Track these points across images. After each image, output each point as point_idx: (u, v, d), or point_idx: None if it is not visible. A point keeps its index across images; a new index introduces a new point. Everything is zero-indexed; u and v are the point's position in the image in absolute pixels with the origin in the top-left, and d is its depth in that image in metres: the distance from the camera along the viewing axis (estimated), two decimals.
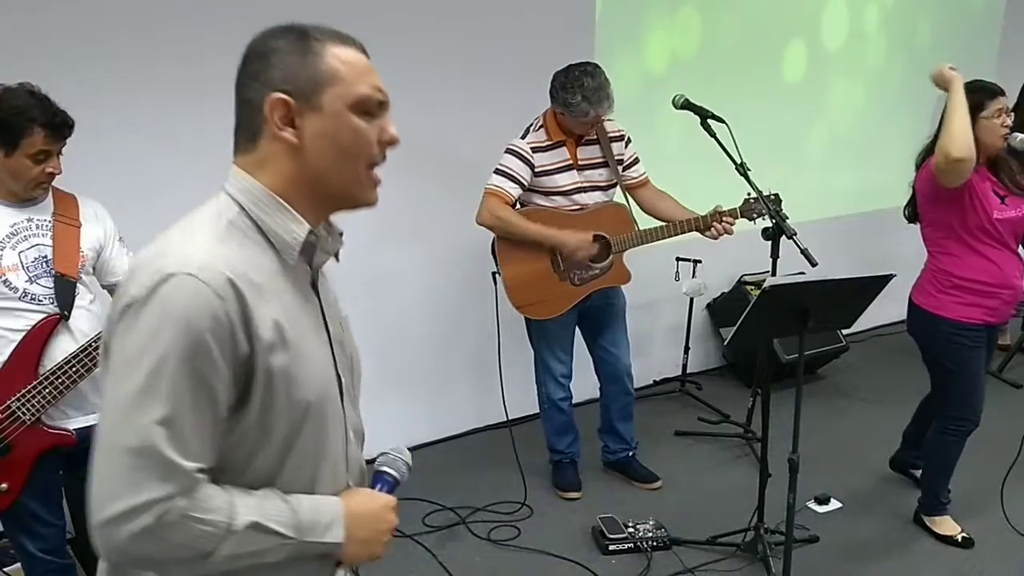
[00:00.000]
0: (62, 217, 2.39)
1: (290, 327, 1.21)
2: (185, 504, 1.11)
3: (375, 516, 1.32)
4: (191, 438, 1.12)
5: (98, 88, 3.05)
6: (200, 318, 1.11)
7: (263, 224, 1.23)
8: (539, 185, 3.47)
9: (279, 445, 1.21)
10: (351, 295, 4.15)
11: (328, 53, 1.22)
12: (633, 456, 3.91)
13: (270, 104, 1.19)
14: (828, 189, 5.50)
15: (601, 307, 3.68)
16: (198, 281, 1.11)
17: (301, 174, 1.23)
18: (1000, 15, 6.16)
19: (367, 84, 1.24)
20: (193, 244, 1.16)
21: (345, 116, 1.22)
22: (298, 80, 1.20)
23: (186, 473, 1.11)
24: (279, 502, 1.21)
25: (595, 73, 3.36)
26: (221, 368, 1.13)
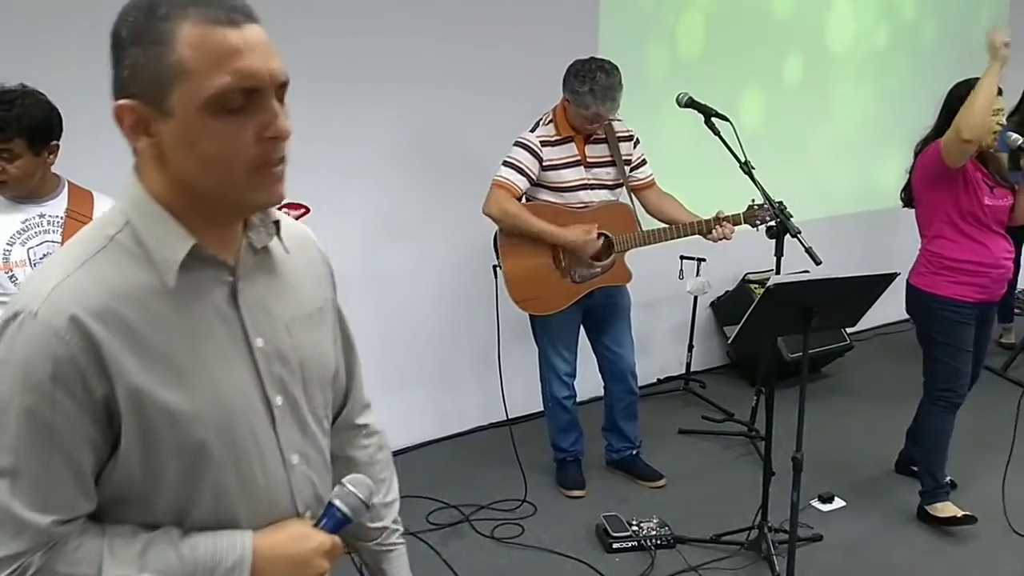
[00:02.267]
0: (75, 213, 2.40)
1: (175, 359, 1.07)
2: (45, 560, 1.04)
3: (297, 560, 1.15)
4: (45, 490, 1.03)
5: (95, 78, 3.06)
6: (39, 363, 1.00)
7: (144, 239, 1.07)
8: (545, 180, 3.47)
9: (176, 486, 1.09)
10: (353, 292, 4.16)
11: (177, 37, 0.99)
12: (637, 455, 3.91)
13: (116, 112, 1.03)
14: (832, 187, 5.50)
15: (605, 306, 3.68)
16: (38, 322, 1.01)
17: (174, 184, 1.07)
18: (1004, 17, 6.15)
19: (225, 73, 1.00)
20: (53, 273, 1.05)
21: (199, 120, 1.01)
22: (142, 80, 1.01)
23: (40, 528, 1.03)
24: (166, 548, 1.08)
25: (611, 72, 3.36)
26: (72, 413, 1.02)
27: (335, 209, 3.61)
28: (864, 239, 5.54)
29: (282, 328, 1.19)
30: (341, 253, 4.19)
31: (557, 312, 3.56)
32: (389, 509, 1.49)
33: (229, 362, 1.13)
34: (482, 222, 3.49)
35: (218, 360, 1.11)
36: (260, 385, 1.15)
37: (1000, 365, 5.13)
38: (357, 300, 3.85)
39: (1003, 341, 5.57)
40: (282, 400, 1.18)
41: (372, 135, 3.73)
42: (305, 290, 1.26)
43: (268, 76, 1.03)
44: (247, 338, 1.14)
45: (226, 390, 1.12)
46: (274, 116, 1.04)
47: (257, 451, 1.15)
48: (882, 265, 2.99)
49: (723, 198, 3.44)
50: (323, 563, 1.17)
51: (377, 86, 3.69)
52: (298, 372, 1.21)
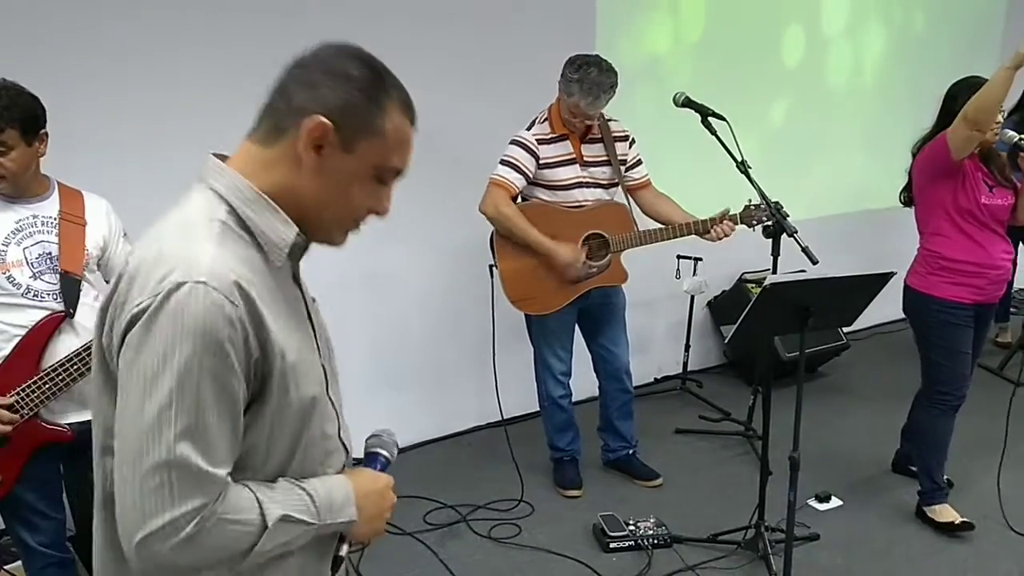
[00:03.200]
0: (68, 215, 2.40)
1: (286, 325, 1.23)
2: (220, 509, 1.14)
3: (379, 494, 1.37)
4: (218, 445, 1.14)
5: (103, 81, 3.05)
6: (217, 326, 1.11)
7: (252, 224, 1.22)
8: (541, 178, 3.47)
9: (290, 438, 1.25)
10: (349, 292, 4.18)
11: (389, 113, 1.22)
12: (633, 454, 3.92)
13: (314, 123, 1.18)
14: (829, 187, 5.50)
15: (600, 305, 3.68)
16: (210, 288, 1.11)
17: (297, 191, 1.23)
18: (1002, 14, 6.15)
19: (400, 158, 1.26)
20: (195, 248, 1.15)
21: (365, 172, 1.23)
22: (351, 117, 1.20)
23: (217, 480, 1.14)
24: (297, 491, 1.24)
25: (606, 72, 3.35)
26: (239, 373, 1.14)
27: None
28: (861, 239, 5.53)
29: (316, 310, 1.39)
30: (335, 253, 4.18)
31: (553, 312, 3.56)
32: None
33: (305, 333, 1.30)
34: (477, 222, 3.49)
35: (302, 330, 1.29)
36: (319, 354, 1.33)
37: (996, 364, 5.14)
38: (353, 300, 3.88)
39: (999, 340, 5.58)
40: (328, 370, 1.36)
41: None
42: None
43: (405, 171, 1.28)
44: (309, 315, 1.34)
45: (312, 355, 1.29)
46: (388, 200, 1.30)
47: (329, 411, 1.34)
48: (878, 265, 2.99)
49: (720, 198, 3.44)
50: (393, 496, 1.40)
51: None
52: (327, 350, 1.40)
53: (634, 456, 3.92)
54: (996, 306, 3.55)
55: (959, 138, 3.15)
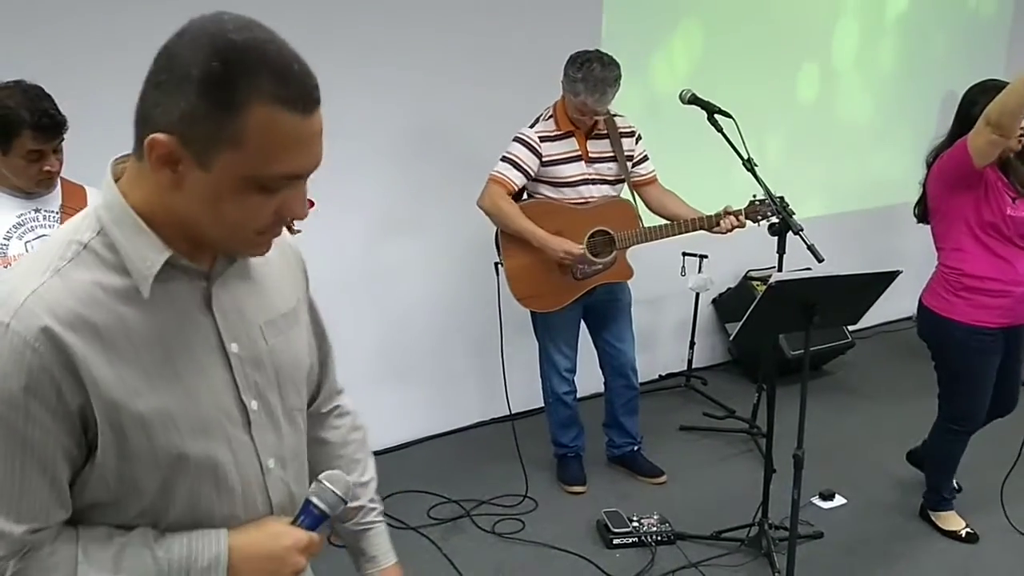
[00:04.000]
0: (70, 209, 2.41)
1: (150, 368, 1.07)
2: (19, 567, 1.05)
3: (272, 557, 1.16)
4: (19, 501, 1.03)
5: (106, 78, 3.05)
6: (11, 375, 0.99)
7: (119, 247, 1.06)
8: (545, 175, 3.47)
9: (152, 492, 1.10)
10: (355, 288, 4.18)
11: (249, 116, 0.98)
12: (638, 451, 3.92)
13: (152, 142, 0.99)
14: (835, 185, 5.49)
15: (606, 301, 3.68)
16: (11, 332, 1.00)
17: (174, 211, 1.05)
18: (1008, 20, 6.14)
19: (280, 163, 1.01)
20: (26, 280, 1.03)
21: (234, 188, 1.01)
22: (195, 129, 0.98)
23: (14, 537, 1.04)
24: (142, 550, 1.09)
25: (609, 66, 3.34)
26: (46, 424, 1.02)
27: (336, 205, 3.59)
28: (867, 237, 5.53)
29: (257, 332, 1.19)
30: (342, 249, 4.22)
31: (558, 309, 3.56)
32: (366, 488, 1.48)
33: (204, 369, 1.12)
34: (483, 218, 3.49)
35: (193, 368, 1.11)
36: (236, 390, 1.16)
37: None
38: (359, 295, 3.89)
39: None
40: (257, 405, 1.18)
41: (373, 130, 3.73)
42: (280, 290, 1.26)
43: (314, 166, 1.05)
44: (222, 344, 1.14)
45: (201, 397, 1.11)
46: (300, 201, 1.07)
47: (233, 457, 1.15)
48: (884, 263, 2.99)
49: (727, 193, 3.44)
50: (300, 559, 1.18)
51: (377, 80, 3.69)
52: (272, 375, 1.21)
53: (639, 453, 3.92)
54: None
55: (981, 143, 2.96)
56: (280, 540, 1.16)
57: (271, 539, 1.16)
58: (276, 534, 1.17)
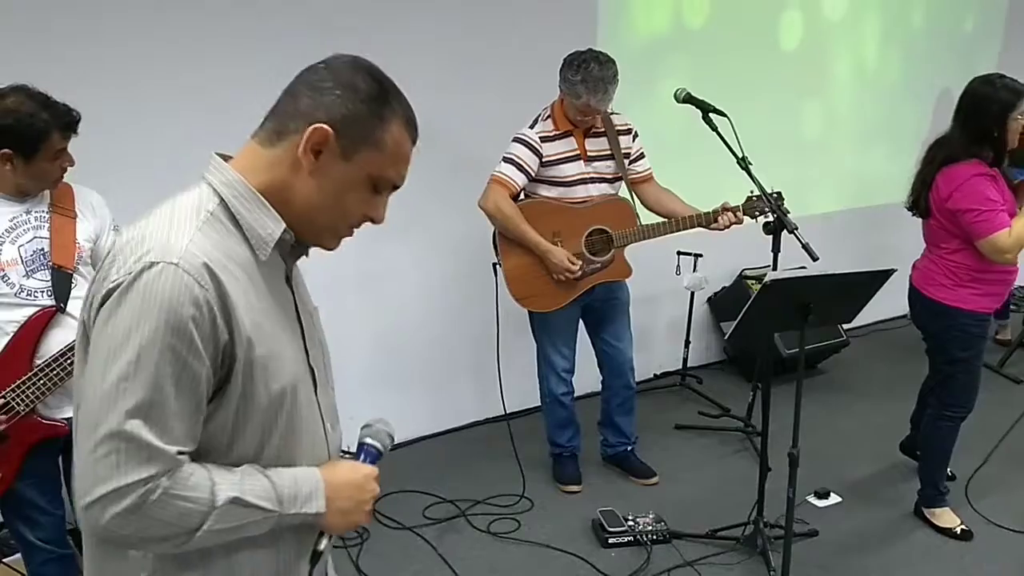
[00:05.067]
0: (59, 208, 2.40)
1: (264, 319, 1.24)
2: (167, 484, 1.16)
3: (356, 486, 1.35)
4: (173, 423, 1.16)
5: (99, 77, 3.05)
6: (182, 306, 1.13)
7: (240, 218, 1.25)
8: (545, 175, 3.47)
9: (258, 430, 1.25)
10: (351, 289, 4.17)
11: (391, 128, 1.26)
12: (631, 451, 3.91)
13: (315, 129, 1.22)
14: (829, 184, 5.50)
15: (605, 301, 3.67)
16: (179, 270, 1.14)
17: (293, 193, 1.26)
18: (1004, 8, 6.14)
19: (397, 171, 1.30)
20: (174, 233, 1.19)
21: (361, 181, 1.27)
22: (352, 127, 1.23)
23: (167, 456, 1.15)
24: (260, 477, 1.25)
25: (605, 64, 3.34)
26: (203, 355, 1.16)
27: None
28: (861, 235, 5.54)
29: (310, 313, 1.42)
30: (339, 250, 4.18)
31: (556, 309, 3.56)
32: None
33: (290, 332, 1.32)
34: (479, 218, 3.48)
35: (286, 328, 1.31)
36: (306, 356, 1.35)
37: (996, 362, 5.13)
38: (355, 296, 3.88)
39: (999, 338, 5.58)
40: (318, 373, 1.38)
41: None
42: (307, 288, 1.46)
43: (401, 185, 1.32)
44: (298, 315, 1.36)
45: (292, 354, 1.31)
46: (384, 209, 1.34)
47: (311, 413, 1.34)
48: (879, 261, 2.99)
49: (723, 191, 3.44)
50: (375, 486, 1.39)
51: None
52: (321, 352, 1.42)
53: (632, 453, 3.91)
54: None
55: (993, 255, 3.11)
56: (360, 470, 1.38)
57: (351, 471, 1.37)
58: (353, 467, 1.39)
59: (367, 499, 1.37)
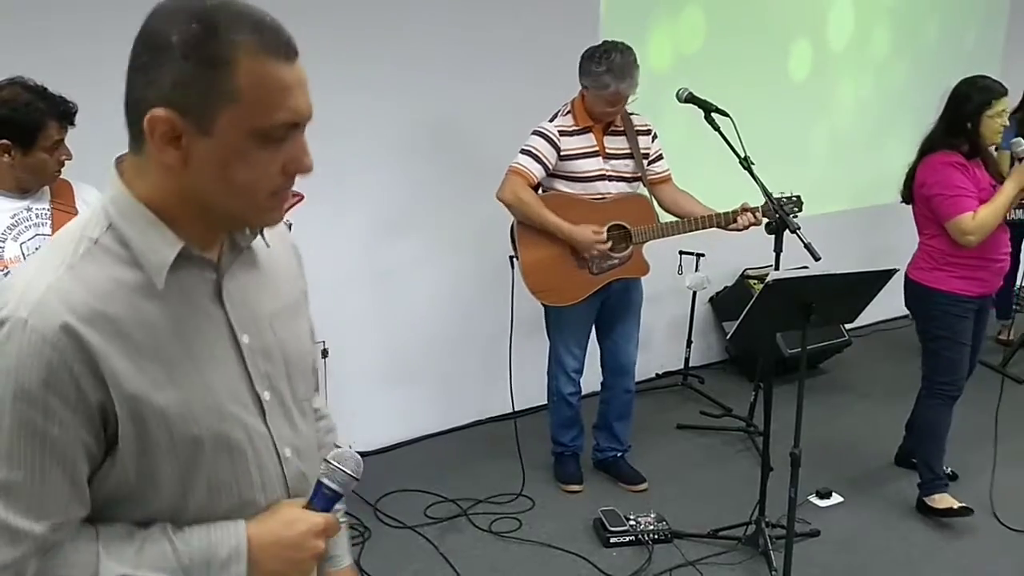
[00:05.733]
0: (60, 204, 2.40)
1: (166, 360, 1.07)
2: (39, 565, 1.04)
3: (290, 545, 1.16)
4: (41, 498, 1.03)
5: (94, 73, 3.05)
6: (31, 371, 0.99)
7: (129, 241, 1.07)
8: (563, 170, 3.46)
9: (172, 484, 1.10)
10: (357, 287, 4.16)
11: (236, 65, 0.99)
12: (621, 457, 3.88)
13: (149, 121, 1.00)
14: (832, 184, 5.49)
15: (618, 301, 3.66)
16: (29, 329, 0.99)
17: (184, 194, 1.06)
18: (1005, 11, 6.15)
19: (280, 109, 1.03)
20: (37, 276, 1.03)
21: (241, 146, 1.02)
22: (189, 95, 0.99)
23: (34, 536, 1.03)
24: (163, 545, 1.09)
25: (626, 52, 3.35)
26: (67, 420, 1.02)
27: (338, 202, 3.60)
28: (863, 235, 5.53)
29: (266, 323, 1.20)
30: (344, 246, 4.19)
31: (573, 304, 3.53)
32: None
33: (218, 360, 1.13)
34: (485, 216, 3.48)
35: (208, 358, 1.11)
36: (249, 381, 1.16)
37: (999, 362, 5.13)
38: (360, 294, 3.87)
39: (1001, 338, 5.57)
40: (270, 395, 1.19)
41: (377, 128, 3.73)
42: (284, 282, 1.27)
43: (309, 114, 1.07)
44: (234, 335, 1.15)
45: (217, 387, 1.12)
46: (304, 152, 1.08)
47: (251, 447, 1.16)
48: (881, 261, 2.99)
49: (724, 191, 3.43)
50: (318, 543, 1.18)
51: (378, 79, 3.68)
52: (282, 366, 1.22)
53: (622, 459, 3.88)
54: (994, 297, 3.61)
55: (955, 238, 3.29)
56: (296, 527, 1.16)
57: (287, 527, 1.16)
58: (291, 521, 1.17)
59: (305, 558, 1.17)
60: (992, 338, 5.32)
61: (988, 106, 3.26)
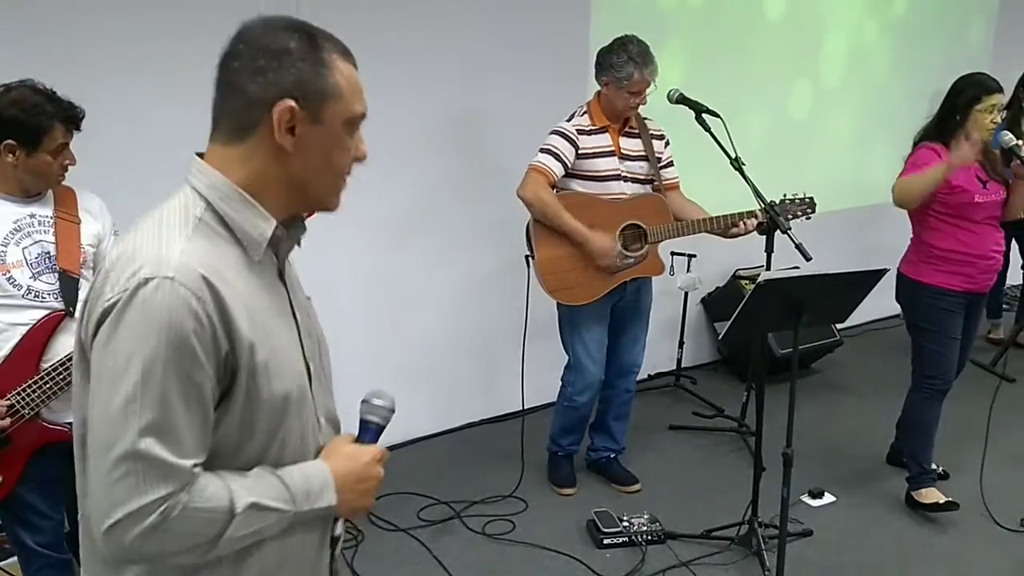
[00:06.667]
0: (63, 213, 2.40)
1: (262, 321, 1.23)
2: (187, 498, 1.16)
3: (359, 474, 1.35)
4: (184, 437, 1.15)
5: (96, 79, 3.04)
6: (183, 321, 1.13)
7: (230, 220, 1.24)
8: (579, 168, 3.46)
9: (264, 435, 1.25)
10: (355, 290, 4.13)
11: (336, 69, 1.23)
12: (615, 458, 3.88)
13: (281, 109, 1.20)
14: (822, 184, 5.43)
15: (629, 303, 3.66)
16: (176, 284, 1.13)
17: (283, 177, 1.25)
18: (995, 9, 6.17)
19: (359, 102, 1.28)
20: (166, 245, 1.17)
21: (339, 132, 1.26)
22: (307, 90, 1.21)
23: (183, 471, 1.15)
24: (272, 479, 1.25)
25: (640, 41, 3.39)
26: (206, 367, 1.16)
27: (344, 203, 3.59)
28: (853, 235, 5.55)
29: (306, 305, 1.41)
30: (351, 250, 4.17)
31: (589, 303, 3.52)
32: None
33: (288, 329, 1.32)
34: (491, 224, 3.48)
35: (283, 326, 1.30)
36: (302, 353, 1.34)
37: (989, 361, 5.15)
38: (359, 297, 3.86)
39: (991, 337, 5.60)
40: (312, 368, 1.36)
41: (382, 130, 3.70)
42: (299, 279, 1.44)
43: (367, 111, 1.30)
44: (293, 311, 1.34)
45: (291, 353, 1.30)
46: (363, 144, 1.32)
47: (309, 409, 1.33)
48: (871, 261, 3.01)
49: (725, 193, 3.44)
50: (379, 470, 1.38)
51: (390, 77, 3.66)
52: (317, 345, 1.40)
53: (615, 460, 3.88)
54: (987, 296, 3.61)
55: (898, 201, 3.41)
56: (361, 458, 1.36)
57: (353, 458, 1.35)
58: (356, 454, 1.36)
59: (373, 484, 1.37)
60: (982, 337, 5.35)
61: (978, 100, 3.29)
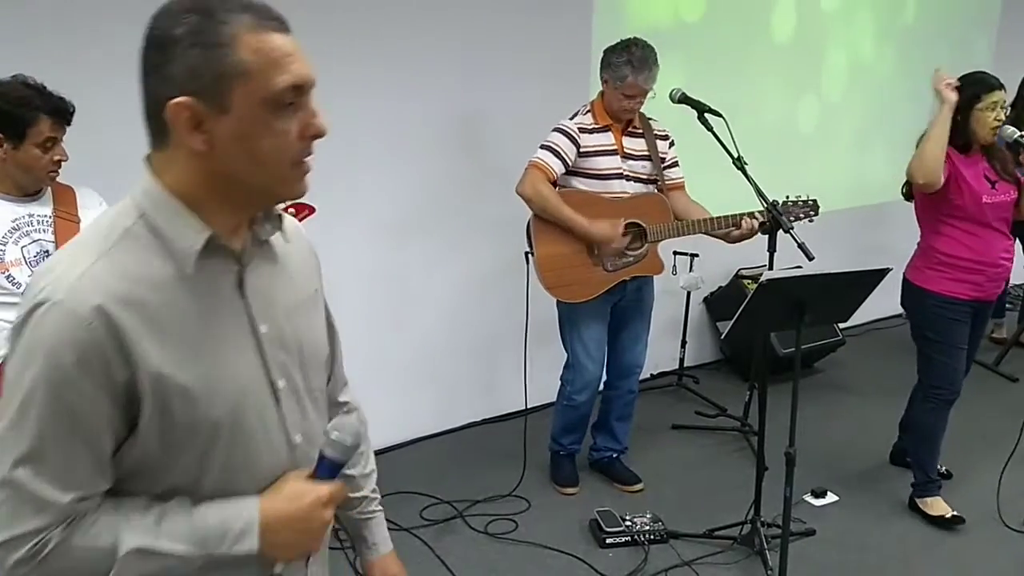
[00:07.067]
0: (62, 212, 2.40)
1: (191, 342, 1.14)
2: (63, 534, 1.10)
3: (300, 517, 1.22)
4: (66, 470, 1.10)
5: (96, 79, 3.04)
6: (64, 349, 1.06)
7: (160, 231, 1.13)
8: (581, 167, 3.45)
9: (189, 461, 1.16)
10: (358, 289, 4.14)
11: (237, 42, 1.07)
12: (617, 458, 3.88)
13: (172, 111, 1.07)
14: (825, 183, 5.45)
15: (631, 303, 3.66)
16: (64, 309, 1.06)
17: (212, 178, 1.13)
18: (997, 8, 6.16)
19: (283, 74, 1.09)
20: (72, 265, 1.09)
21: (258, 116, 1.09)
22: (202, 79, 1.07)
23: (60, 506, 1.10)
24: (181, 517, 1.15)
25: (647, 47, 3.38)
26: (95, 398, 1.08)
27: (344, 203, 3.59)
28: (857, 235, 5.55)
29: (282, 314, 1.26)
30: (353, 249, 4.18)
31: (588, 300, 3.51)
32: (368, 480, 1.59)
33: (238, 346, 1.20)
34: (492, 224, 3.47)
35: (228, 344, 1.18)
36: (265, 369, 1.23)
37: (992, 360, 5.15)
38: (362, 296, 3.87)
39: (995, 336, 5.59)
40: (284, 383, 1.25)
41: (383, 130, 3.73)
42: (301, 277, 1.34)
43: (311, 78, 1.13)
44: (253, 324, 1.22)
45: (237, 372, 1.19)
46: (315, 115, 1.14)
47: (263, 430, 1.22)
48: (874, 260, 3.00)
49: (725, 193, 3.44)
50: (325, 513, 1.24)
51: (389, 77, 3.68)
52: (296, 356, 1.28)
53: (617, 460, 3.88)
54: (994, 303, 3.53)
55: (917, 188, 3.29)
56: (303, 499, 1.22)
57: (294, 500, 1.22)
58: (298, 495, 1.22)
59: (315, 528, 1.23)
60: (985, 336, 5.33)
61: (978, 99, 3.22)
